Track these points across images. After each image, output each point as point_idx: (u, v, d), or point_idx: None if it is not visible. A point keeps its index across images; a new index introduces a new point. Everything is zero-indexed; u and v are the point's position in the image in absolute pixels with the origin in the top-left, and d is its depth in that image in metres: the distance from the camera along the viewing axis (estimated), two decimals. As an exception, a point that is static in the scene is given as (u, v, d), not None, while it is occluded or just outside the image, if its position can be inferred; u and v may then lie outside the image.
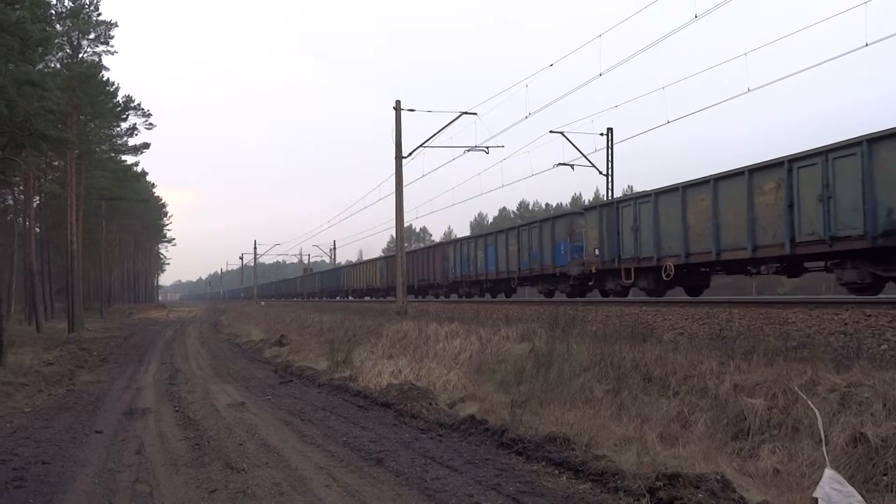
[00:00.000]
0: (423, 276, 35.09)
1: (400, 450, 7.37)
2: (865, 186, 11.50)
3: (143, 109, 41.21)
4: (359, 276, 49.96)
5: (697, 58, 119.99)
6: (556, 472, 6.24)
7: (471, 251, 29.57)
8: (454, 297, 31.69)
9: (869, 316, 8.83)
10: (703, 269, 16.45)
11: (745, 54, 19.67)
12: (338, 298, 53.46)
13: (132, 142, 44.00)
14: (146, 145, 44.66)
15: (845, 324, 8.96)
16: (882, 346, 8.06)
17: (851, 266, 12.36)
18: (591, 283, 20.51)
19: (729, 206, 14.54)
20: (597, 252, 19.45)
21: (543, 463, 6.49)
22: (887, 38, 14.57)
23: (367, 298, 44.92)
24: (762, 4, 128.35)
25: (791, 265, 13.93)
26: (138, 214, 70.19)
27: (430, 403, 9.61)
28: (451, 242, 34.36)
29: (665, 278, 16.63)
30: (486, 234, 29.91)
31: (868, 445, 5.68)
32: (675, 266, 16.20)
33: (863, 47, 14.41)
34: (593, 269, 19.75)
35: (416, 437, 8.05)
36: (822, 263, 13.50)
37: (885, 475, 5.40)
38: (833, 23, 24.29)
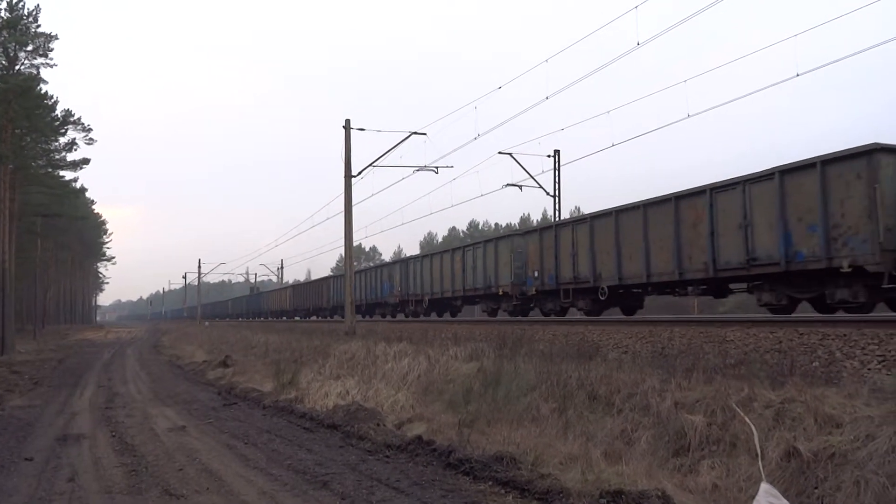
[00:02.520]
0: (316, 301, 47.38)
1: (346, 472, 7.27)
2: (493, 263, 23.45)
3: (83, 124, 39.98)
4: (274, 300, 62.03)
5: (641, 84, 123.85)
6: (503, 491, 6.26)
7: (341, 284, 37.95)
8: (338, 316, 41.03)
9: (802, 334, 9.20)
10: (443, 301, 28.12)
11: (685, 81, 20.39)
12: (260, 319, 63.51)
13: (71, 157, 42.47)
14: (86, 161, 43.16)
15: (780, 342, 9.30)
16: (814, 363, 8.40)
17: (504, 303, 23.28)
18: (398, 308, 32.46)
19: (448, 267, 26.96)
20: (399, 289, 31.76)
21: (490, 483, 6.50)
22: (816, 69, 15.48)
23: (283, 318, 54.99)
24: (701, 35, 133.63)
25: (464, 302, 27.15)
26: (76, 232, 67.82)
27: (378, 424, 9.53)
28: (330, 277, 47.68)
29: (424, 306, 29.04)
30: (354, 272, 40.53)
31: (801, 459, 5.90)
32: (429, 300, 28.65)
33: (794, 77, 15.30)
34: (397, 299, 31.87)
35: (362, 458, 7.96)
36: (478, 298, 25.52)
37: (816, 488, 5.62)
38: (766, 54, 25.41)
